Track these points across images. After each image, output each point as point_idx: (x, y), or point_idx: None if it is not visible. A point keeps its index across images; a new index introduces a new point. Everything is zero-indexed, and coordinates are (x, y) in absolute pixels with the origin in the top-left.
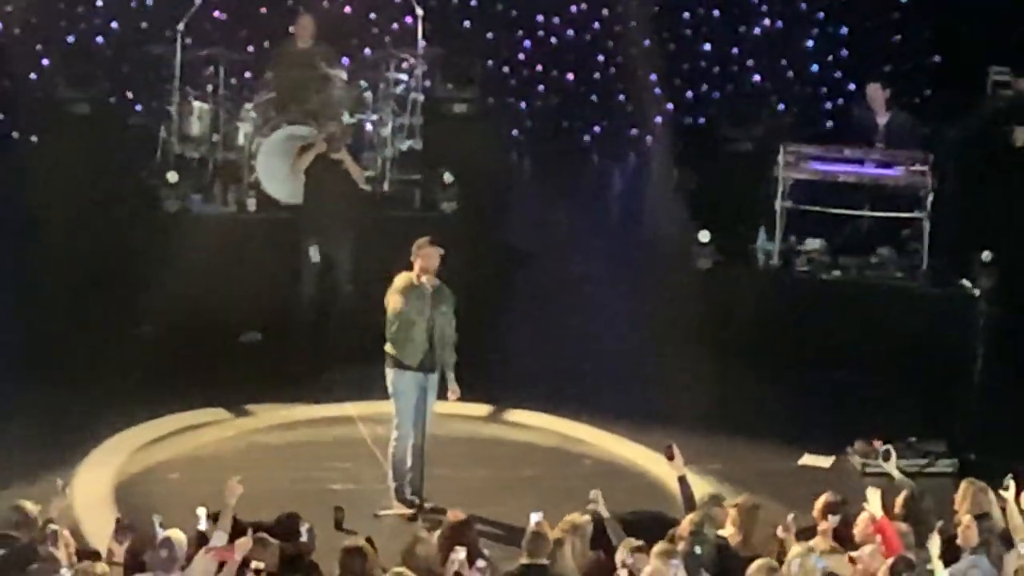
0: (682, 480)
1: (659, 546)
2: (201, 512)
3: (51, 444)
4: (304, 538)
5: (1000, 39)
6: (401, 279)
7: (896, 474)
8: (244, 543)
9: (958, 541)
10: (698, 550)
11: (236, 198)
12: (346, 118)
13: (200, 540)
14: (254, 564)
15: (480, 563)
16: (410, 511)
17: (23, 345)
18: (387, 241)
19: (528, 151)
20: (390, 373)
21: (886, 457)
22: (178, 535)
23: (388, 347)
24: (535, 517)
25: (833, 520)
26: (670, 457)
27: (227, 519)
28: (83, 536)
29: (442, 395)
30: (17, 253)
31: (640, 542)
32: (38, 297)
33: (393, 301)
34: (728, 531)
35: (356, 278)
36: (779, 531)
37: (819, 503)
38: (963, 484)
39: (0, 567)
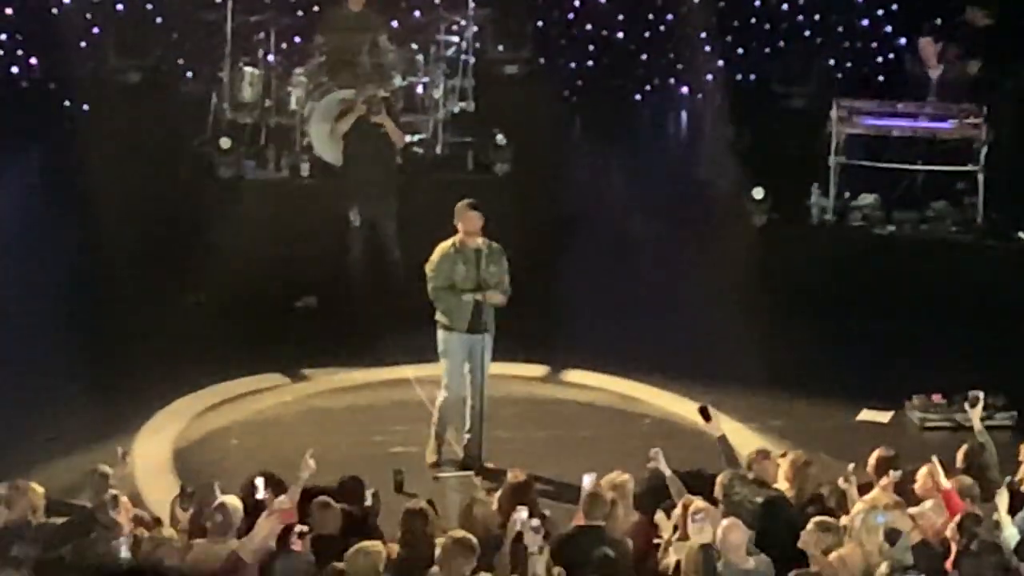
0: (722, 439)
1: (698, 502)
2: (259, 482)
3: (111, 411)
4: (369, 502)
5: None
6: (440, 248)
7: (977, 424)
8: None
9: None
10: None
11: (289, 163)
12: (397, 81)
13: (257, 508)
14: (298, 527)
15: (534, 522)
16: (468, 472)
17: (82, 314)
18: (441, 204)
19: (580, 111)
20: (440, 335)
21: (973, 403)
22: (233, 501)
23: (438, 314)
24: (587, 479)
25: (894, 475)
26: (707, 418)
27: (296, 492)
28: (144, 502)
29: (494, 356)
30: (72, 222)
31: (704, 502)
32: (95, 266)
33: (432, 269)
34: (782, 485)
35: (409, 241)
36: (840, 482)
37: (872, 458)
38: None
39: (63, 534)
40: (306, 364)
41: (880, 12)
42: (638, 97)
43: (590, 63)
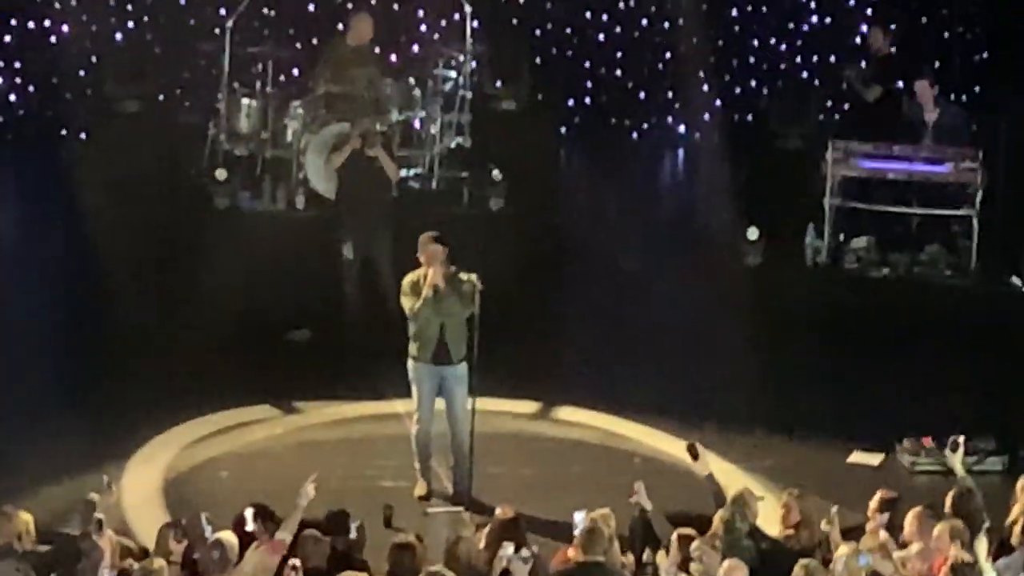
0: (709, 478)
1: (697, 542)
2: (248, 513)
3: (102, 439)
4: (354, 535)
5: None
6: (407, 279)
7: (959, 469)
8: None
9: (1012, 540)
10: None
11: (285, 195)
12: (395, 115)
13: (248, 541)
14: (291, 561)
15: (525, 552)
16: (457, 507)
17: (75, 342)
18: None
19: (576, 148)
20: (409, 363)
21: (954, 448)
22: (229, 537)
23: (409, 343)
24: (578, 516)
25: (882, 519)
26: (694, 456)
27: (295, 520)
28: (132, 532)
29: (484, 391)
30: (67, 250)
31: (691, 530)
32: (89, 294)
33: (403, 301)
34: (777, 527)
35: (403, 275)
36: (823, 524)
37: (874, 500)
38: (1021, 481)
39: (49, 561)
40: (297, 397)
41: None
42: (635, 135)
43: (587, 100)
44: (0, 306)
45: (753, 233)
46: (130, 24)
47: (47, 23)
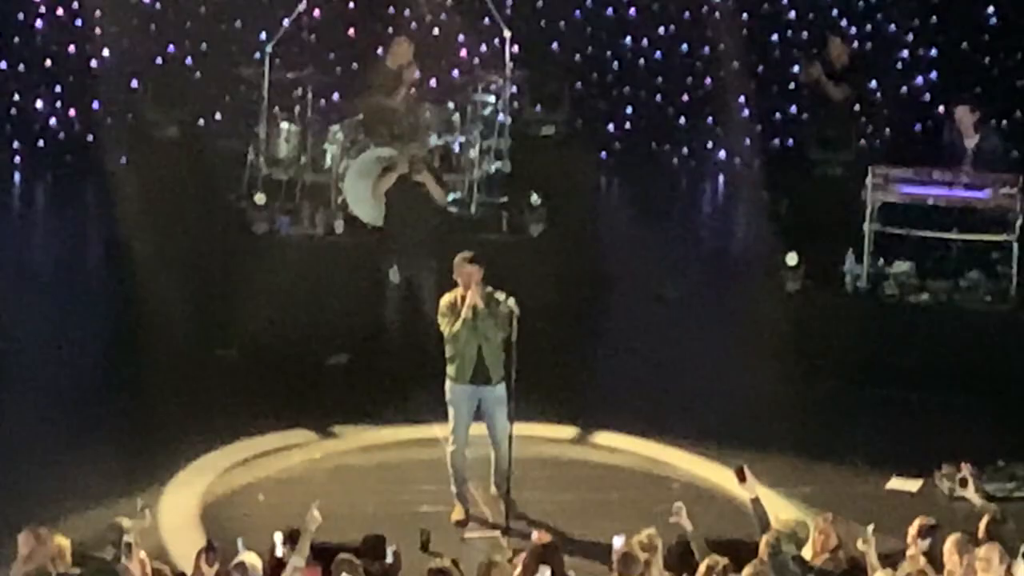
0: (755, 502)
1: (748, 568)
2: (278, 538)
3: (140, 464)
4: (390, 560)
5: None
6: (444, 300)
7: (976, 500)
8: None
9: None
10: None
11: (324, 220)
12: (434, 140)
13: (276, 565)
14: None
15: None
16: (495, 532)
17: (113, 366)
18: None
19: (616, 173)
20: (447, 384)
21: (963, 484)
22: (252, 559)
23: (447, 364)
24: (618, 540)
25: (923, 544)
26: (742, 479)
27: (306, 544)
28: (169, 556)
29: (523, 416)
30: (106, 275)
31: (725, 559)
32: (128, 319)
33: (440, 322)
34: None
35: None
36: (859, 544)
37: (913, 527)
38: None
39: None
40: (335, 421)
41: (919, 80)
42: (675, 161)
43: (627, 126)
44: (39, 331)
45: (792, 259)
46: (170, 48)
47: (88, 47)
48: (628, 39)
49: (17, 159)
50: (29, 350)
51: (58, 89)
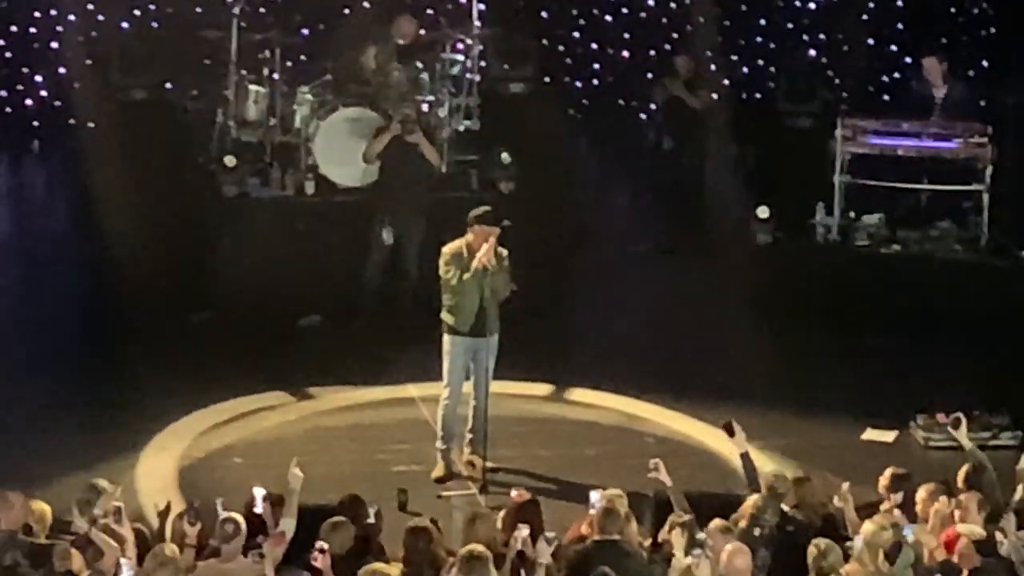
0: (744, 456)
1: (717, 522)
2: (259, 494)
3: (115, 429)
4: (371, 520)
5: None
6: (450, 248)
7: (966, 443)
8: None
9: None
10: (756, 532)
11: (294, 182)
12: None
13: (255, 522)
14: (319, 544)
15: (550, 534)
16: (472, 490)
17: (86, 331)
18: (445, 222)
19: (585, 129)
20: (445, 338)
21: (955, 425)
22: (238, 517)
23: (443, 313)
24: (595, 496)
25: (896, 497)
26: (730, 433)
27: (293, 505)
28: (146, 519)
29: (497, 374)
30: (76, 240)
31: (689, 515)
32: (99, 283)
33: (443, 271)
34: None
35: (428, 259)
36: (835, 501)
37: (884, 477)
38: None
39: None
40: (310, 383)
41: (886, 32)
42: (643, 116)
43: (595, 81)
44: (10, 297)
45: (764, 212)
46: (136, 12)
47: (53, 12)
48: None
49: None
50: (2, 317)
51: (24, 54)
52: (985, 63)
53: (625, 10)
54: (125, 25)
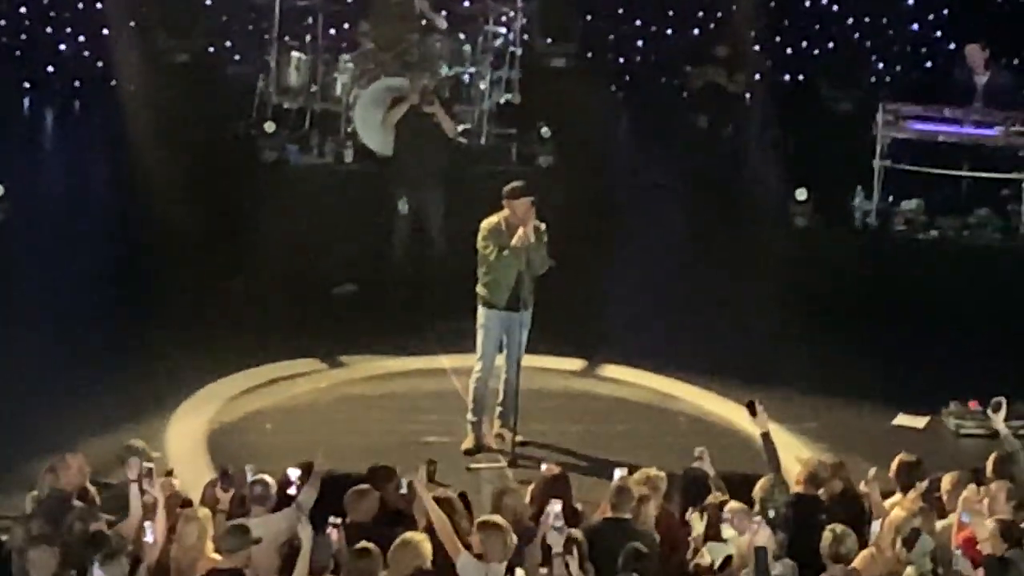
0: (765, 436)
1: (735, 504)
2: (294, 475)
3: (147, 393)
4: (403, 490)
5: None
6: (488, 223)
7: (1003, 429)
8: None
9: None
10: (771, 513)
11: (333, 149)
12: (444, 71)
13: (284, 497)
14: (333, 519)
15: (558, 522)
16: (501, 463)
17: (122, 295)
18: (484, 195)
19: (625, 106)
20: (480, 309)
21: (996, 408)
22: (270, 479)
23: (479, 287)
24: (619, 473)
25: (921, 485)
26: (753, 413)
27: (315, 489)
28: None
29: (530, 348)
30: (116, 203)
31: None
32: (136, 247)
33: (481, 245)
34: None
35: (450, 231)
36: (861, 486)
37: (894, 464)
38: None
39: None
40: (343, 351)
41: (930, 17)
42: (685, 94)
43: (637, 58)
44: (49, 256)
45: (802, 194)
46: None
47: None
48: None
49: (27, 84)
50: (38, 278)
51: (68, 15)
52: None
53: None
54: None
